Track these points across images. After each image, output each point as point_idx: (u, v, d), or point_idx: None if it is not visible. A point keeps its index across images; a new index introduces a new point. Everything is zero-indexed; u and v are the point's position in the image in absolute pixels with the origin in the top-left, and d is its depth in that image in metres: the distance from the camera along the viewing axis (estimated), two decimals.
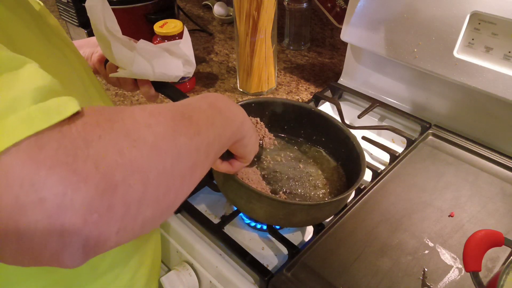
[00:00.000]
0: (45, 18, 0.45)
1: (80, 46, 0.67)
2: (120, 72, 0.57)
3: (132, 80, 0.63)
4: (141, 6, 1.04)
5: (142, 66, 0.56)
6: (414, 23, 0.77)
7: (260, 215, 0.58)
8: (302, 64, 1.09)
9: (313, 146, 0.76)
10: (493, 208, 0.64)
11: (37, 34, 0.39)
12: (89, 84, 0.50)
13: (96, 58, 0.66)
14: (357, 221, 0.63)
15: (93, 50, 0.67)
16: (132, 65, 0.55)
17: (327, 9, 1.09)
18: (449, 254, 0.58)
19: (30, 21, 0.39)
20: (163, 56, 0.59)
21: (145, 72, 0.57)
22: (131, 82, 0.63)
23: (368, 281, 0.55)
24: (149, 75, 0.58)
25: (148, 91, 0.62)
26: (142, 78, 0.59)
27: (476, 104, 0.77)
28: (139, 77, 0.59)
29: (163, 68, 0.58)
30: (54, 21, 0.48)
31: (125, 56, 0.55)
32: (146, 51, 0.56)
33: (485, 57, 0.71)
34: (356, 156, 0.65)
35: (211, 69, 1.07)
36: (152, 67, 0.57)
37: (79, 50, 0.67)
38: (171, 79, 0.60)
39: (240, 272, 0.60)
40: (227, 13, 1.29)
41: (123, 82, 0.63)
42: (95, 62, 0.66)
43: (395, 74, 0.88)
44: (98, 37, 0.56)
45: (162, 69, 0.58)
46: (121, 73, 0.57)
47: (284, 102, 0.74)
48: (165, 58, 0.59)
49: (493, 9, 0.67)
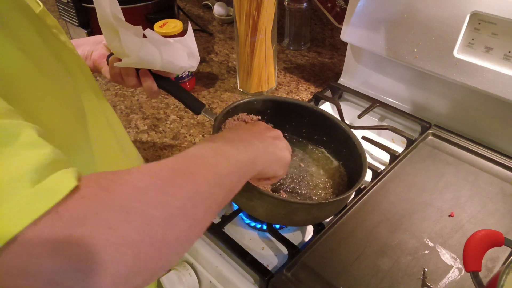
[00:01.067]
0: (44, 20, 0.45)
1: (79, 44, 0.67)
2: (126, 60, 0.56)
3: (135, 74, 0.62)
4: (141, 6, 1.04)
5: (150, 52, 0.56)
6: (414, 23, 0.77)
7: (261, 213, 0.58)
8: (302, 64, 1.09)
9: (314, 146, 0.76)
10: (493, 208, 0.64)
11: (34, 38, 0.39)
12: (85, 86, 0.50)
13: (96, 55, 0.65)
14: (357, 221, 0.63)
15: (93, 48, 0.66)
16: (140, 51, 0.55)
17: (327, 9, 1.08)
18: (449, 254, 0.58)
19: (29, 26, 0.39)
20: (170, 45, 0.59)
21: (153, 58, 0.56)
22: (134, 76, 0.62)
23: (368, 281, 0.55)
24: (156, 62, 0.57)
25: (150, 86, 0.61)
26: (148, 67, 0.59)
27: (476, 104, 0.77)
28: (145, 65, 0.58)
29: (171, 56, 0.58)
30: (54, 22, 0.48)
31: (132, 42, 0.55)
32: (154, 39, 0.56)
33: (485, 57, 0.71)
34: (358, 156, 0.65)
35: (211, 69, 1.07)
36: (160, 54, 0.56)
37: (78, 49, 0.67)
38: (176, 69, 0.60)
39: (240, 272, 0.60)
40: (227, 13, 1.29)
41: (125, 77, 0.62)
42: (95, 60, 0.65)
43: (395, 74, 0.88)
44: (104, 26, 0.56)
45: (170, 57, 0.58)
46: (126, 61, 0.56)
47: (286, 101, 0.74)
48: (172, 46, 0.59)
49: (493, 9, 0.67)
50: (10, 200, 0.23)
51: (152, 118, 0.90)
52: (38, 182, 0.24)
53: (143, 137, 0.85)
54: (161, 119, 0.90)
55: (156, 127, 0.87)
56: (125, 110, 0.93)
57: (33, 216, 0.23)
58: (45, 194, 0.24)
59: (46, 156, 0.26)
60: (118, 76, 0.62)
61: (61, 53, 0.46)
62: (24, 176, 0.24)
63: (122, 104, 0.95)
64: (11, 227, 0.23)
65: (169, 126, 0.88)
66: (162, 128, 0.87)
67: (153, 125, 0.88)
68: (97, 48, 0.66)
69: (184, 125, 0.88)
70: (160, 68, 0.59)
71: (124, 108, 0.93)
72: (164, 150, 0.82)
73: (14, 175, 0.24)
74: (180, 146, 0.83)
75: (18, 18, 0.38)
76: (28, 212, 0.23)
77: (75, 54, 0.52)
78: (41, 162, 0.25)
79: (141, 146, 0.82)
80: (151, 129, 0.87)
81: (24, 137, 0.26)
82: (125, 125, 0.88)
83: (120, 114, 0.91)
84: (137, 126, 0.88)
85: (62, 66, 0.44)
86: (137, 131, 0.86)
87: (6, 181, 0.23)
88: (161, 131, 0.86)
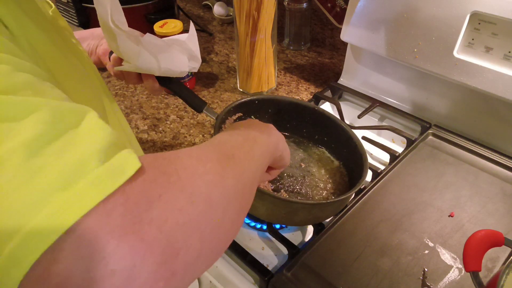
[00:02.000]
0: (56, 21, 0.45)
1: (85, 38, 0.67)
2: (125, 65, 0.57)
3: (136, 73, 0.63)
4: (141, 6, 1.04)
5: (147, 61, 0.56)
6: (414, 23, 0.77)
7: (261, 212, 0.58)
8: (302, 64, 1.09)
9: (315, 145, 0.76)
10: (493, 208, 0.64)
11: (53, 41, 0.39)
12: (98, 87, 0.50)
13: (101, 50, 0.66)
14: (357, 221, 0.63)
15: (98, 43, 0.67)
16: (138, 60, 0.55)
17: (327, 9, 1.08)
18: (449, 254, 0.58)
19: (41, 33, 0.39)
20: (169, 51, 0.58)
21: (151, 67, 0.57)
22: (135, 75, 0.63)
23: (368, 281, 0.55)
24: (154, 70, 0.57)
25: (152, 85, 0.62)
26: (147, 73, 0.59)
27: (476, 104, 0.77)
28: (144, 71, 0.58)
29: (169, 63, 0.58)
30: (65, 23, 0.48)
31: (131, 50, 0.55)
32: (152, 46, 0.56)
33: (485, 57, 0.71)
34: (359, 156, 0.65)
35: (211, 69, 1.07)
36: (157, 62, 0.56)
37: (83, 42, 0.67)
38: (176, 74, 0.60)
39: (240, 272, 0.60)
40: (227, 13, 1.29)
41: (127, 75, 0.63)
42: (100, 55, 0.66)
43: (395, 74, 0.88)
44: (104, 29, 0.56)
45: (168, 64, 0.58)
46: (126, 67, 0.57)
47: (288, 101, 0.74)
48: (171, 53, 0.59)
49: (493, 9, 0.67)
50: (82, 178, 0.22)
51: (152, 118, 0.90)
52: (106, 161, 0.23)
53: (143, 137, 0.85)
54: (161, 119, 0.90)
55: (156, 127, 0.87)
56: (125, 110, 0.93)
57: (105, 193, 0.22)
58: (114, 172, 0.23)
59: (111, 136, 0.25)
60: (120, 74, 0.64)
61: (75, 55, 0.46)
62: (94, 154, 0.23)
63: (122, 104, 0.95)
64: (84, 203, 0.21)
65: (169, 126, 0.88)
66: (162, 128, 0.87)
67: (153, 125, 0.88)
68: (102, 43, 0.67)
69: (184, 125, 0.88)
70: (160, 75, 0.59)
71: (124, 108, 0.93)
72: (164, 150, 0.82)
73: (84, 155, 0.23)
74: (180, 146, 0.83)
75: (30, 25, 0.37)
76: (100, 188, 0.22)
77: (87, 56, 0.52)
78: (107, 141, 0.24)
79: (141, 146, 0.82)
80: (151, 129, 0.87)
81: (88, 118, 0.25)
82: None
83: None
84: (137, 126, 0.88)
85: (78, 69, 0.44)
86: (137, 131, 0.86)
87: (76, 160, 0.23)
88: (161, 131, 0.86)
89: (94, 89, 0.47)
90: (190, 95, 0.65)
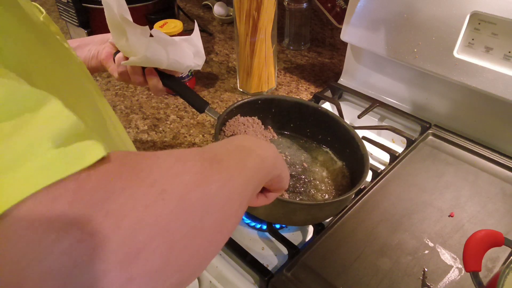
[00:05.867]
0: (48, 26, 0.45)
1: (86, 44, 0.68)
2: (133, 59, 0.58)
3: (141, 72, 0.64)
4: (141, 6, 1.04)
5: (156, 52, 0.57)
6: (414, 23, 0.77)
7: (260, 212, 0.58)
8: (302, 64, 1.09)
9: (318, 145, 0.76)
10: (493, 208, 0.64)
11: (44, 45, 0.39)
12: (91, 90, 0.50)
13: (103, 54, 0.67)
14: (357, 221, 0.63)
15: (99, 48, 0.67)
16: (147, 50, 0.56)
17: (327, 9, 1.08)
18: (449, 254, 0.58)
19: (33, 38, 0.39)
20: (176, 45, 0.60)
21: (159, 58, 0.58)
22: (140, 74, 0.64)
23: (368, 281, 0.55)
24: (162, 61, 0.58)
25: (156, 85, 0.63)
26: (154, 65, 0.60)
27: (476, 104, 0.77)
28: (151, 64, 0.59)
29: (177, 55, 0.59)
30: (56, 28, 0.48)
31: (139, 42, 0.56)
32: (160, 38, 0.57)
33: (485, 57, 0.71)
34: (360, 157, 0.65)
35: (211, 69, 1.07)
36: (166, 54, 0.58)
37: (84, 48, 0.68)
38: (182, 68, 0.62)
39: (240, 272, 0.60)
40: (227, 13, 1.29)
41: (132, 74, 0.64)
42: (102, 58, 0.67)
43: (395, 74, 0.88)
44: (111, 25, 0.57)
45: (176, 56, 0.59)
46: (133, 60, 0.58)
47: (291, 100, 0.74)
48: (178, 46, 0.60)
49: (493, 9, 0.67)
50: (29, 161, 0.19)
51: (152, 118, 0.90)
52: (62, 146, 0.20)
53: (143, 137, 0.85)
54: (161, 119, 0.90)
55: (156, 127, 0.87)
56: (125, 110, 0.93)
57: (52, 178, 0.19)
58: (69, 158, 0.20)
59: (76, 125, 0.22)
60: (125, 74, 0.64)
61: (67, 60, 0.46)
62: (48, 137, 0.20)
63: (122, 104, 0.95)
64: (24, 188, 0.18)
65: (169, 126, 0.88)
66: (162, 128, 0.87)
67: (153, 125, 0.88)
68: (103, 47, 0.67)
69: (184, 125, 0.88)
70: (166, 67, 0.60)
71: (124, 108, 0.93)
72: (164, 150, 0.82)
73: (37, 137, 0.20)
74: (180, 146, 0.83)
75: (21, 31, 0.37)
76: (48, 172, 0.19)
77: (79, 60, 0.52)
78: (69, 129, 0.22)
79: (141, 146, 0.82)
80: (151, 129, 0.87)
81: (51, 104, 0.22)
82: (125, 125, 0.88)
83: (120, 114, 0.91)
84: (137, 126, 0.88)
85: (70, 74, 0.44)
86: (137, 131, 0.86)
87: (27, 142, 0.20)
88: (161, 131, 0.86)
89: (87, 92, 0.47)
90: (192, 95, 0.65)
